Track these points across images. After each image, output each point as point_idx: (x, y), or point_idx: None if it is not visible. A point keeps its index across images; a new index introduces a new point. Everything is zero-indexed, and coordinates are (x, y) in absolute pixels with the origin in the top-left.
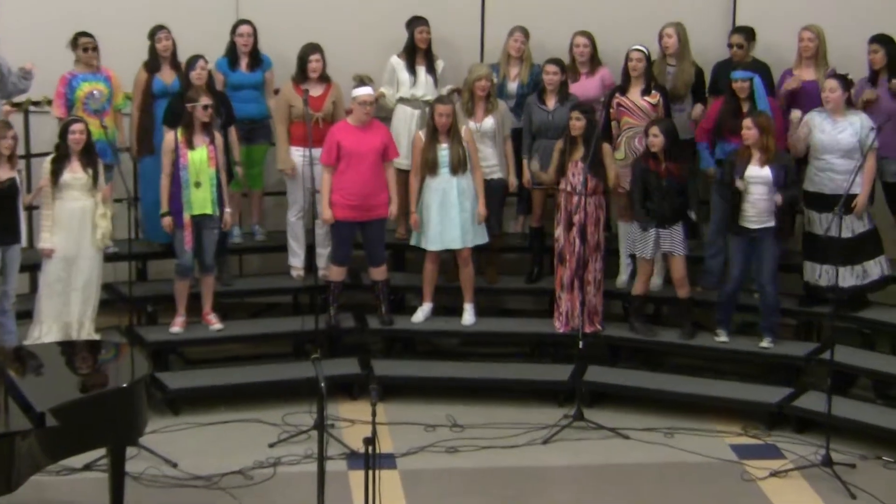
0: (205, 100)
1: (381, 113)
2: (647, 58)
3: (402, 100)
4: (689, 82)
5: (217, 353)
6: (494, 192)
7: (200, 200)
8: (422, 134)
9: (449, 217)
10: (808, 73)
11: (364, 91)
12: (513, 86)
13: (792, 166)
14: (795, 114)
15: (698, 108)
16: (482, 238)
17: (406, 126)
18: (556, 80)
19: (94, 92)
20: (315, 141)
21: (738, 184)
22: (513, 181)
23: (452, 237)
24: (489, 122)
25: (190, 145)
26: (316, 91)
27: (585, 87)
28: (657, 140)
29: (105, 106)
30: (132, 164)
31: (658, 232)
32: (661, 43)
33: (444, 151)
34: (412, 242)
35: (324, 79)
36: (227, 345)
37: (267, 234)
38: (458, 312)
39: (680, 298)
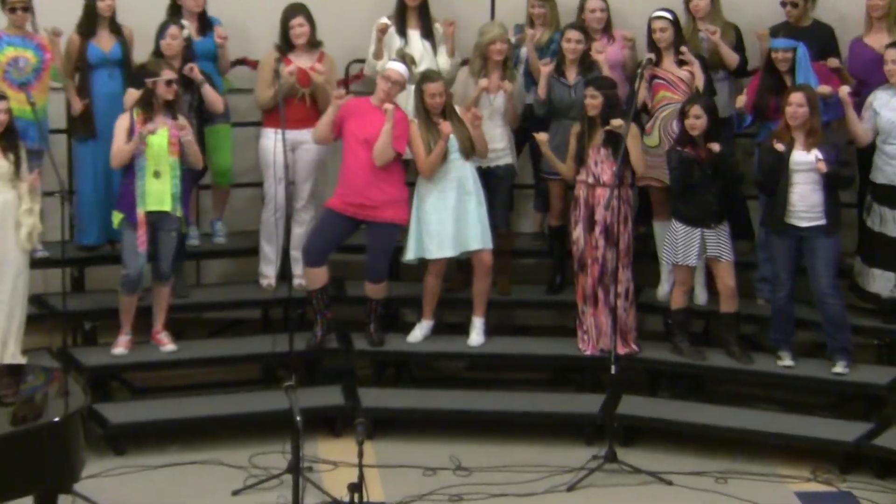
0: (168, 73)
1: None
2: (675, 24)
3: None
4: (729, 46)
5: (170, 380)
6: (501, 182)
7: (158, 194)
8: (416, 121)
9: (467, 211)
10: (879, 39)
11: (395, 67)
12: (524, 51)
13: (842, 146)
14: (824, 89)
15: (741, 99)
16: (487, 242)
17: (401, 103)
18: (578, 50)
19: (20, 60)
20: (300, 122)
21: (778, 146)
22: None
23: (472, 236)
24: (503, 96)
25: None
26: (302, 62)
27: (606, 54)
28: (699, 122)
29: (30, 78)
30: (66, 149)
31: (703, 233)
32: (688, 6)
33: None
34: (408, 258)
35: (312, 46)
36: (183, 370)
37: (230, 234)
38: (464, 330)
39: (725, 313)
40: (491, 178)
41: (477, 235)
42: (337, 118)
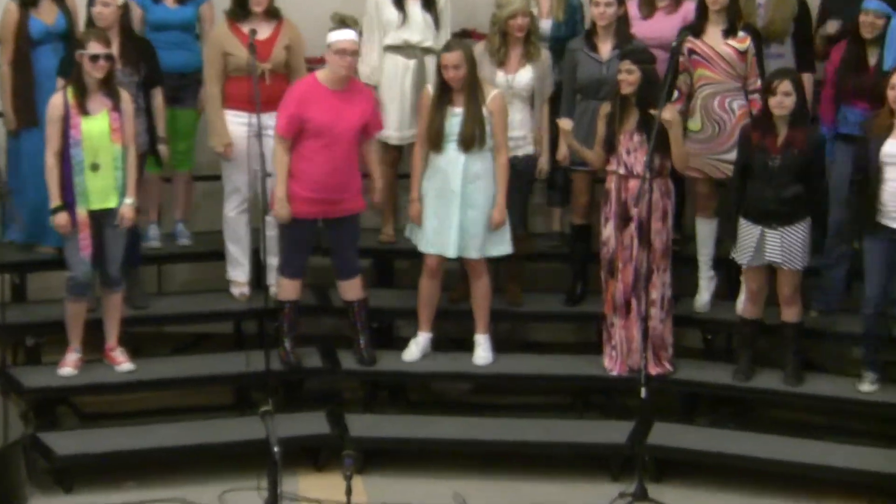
0: (96, 47)
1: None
2: None
3: (389, 48)
4: (790, 15)
5: (126, 405)
6: (520, 175)
7: (100, 189)
8: (430, 88)
9: (446, 211)
10: None
11: (344, 36)
12: (546, 24)
13: None
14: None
15: (833, 24)
16: (501, 247)
17: (398, 84)
18: (610, 15)
19: None
20: (262, 104)
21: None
22: (544, 165)
23: (446, 241)
24: (525, 75)
25: (83, 111)
26: (261, 32)
27: (661, 27)
28: (788, 101)
29: None
30: (4, 138)
31: (763, 233)
32: None
33: (455, 118)
34: (408, 235)
35: (271, 15)
36: (141, 393)
37: (196, 235)
38: (469, 347)
39: (786, 323)
40: (512, 169)
41: (451, 242)
42: (293, 111)
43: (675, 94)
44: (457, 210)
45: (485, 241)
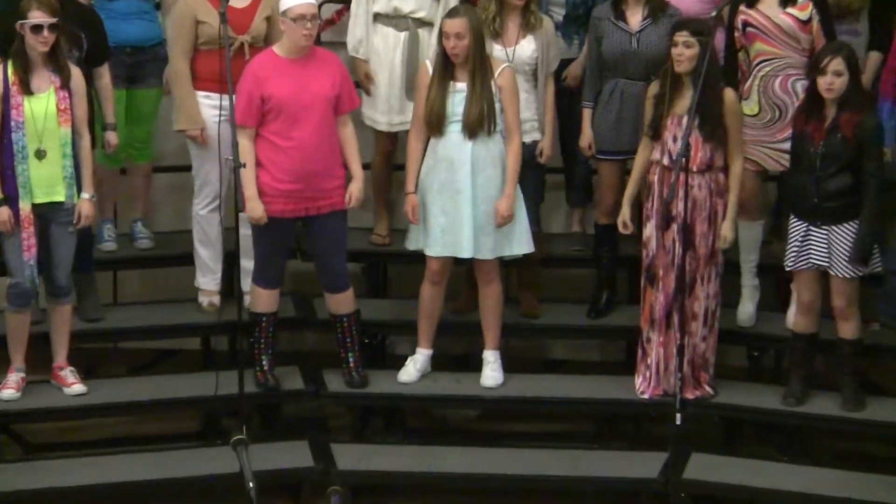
0: (38, 15)
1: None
2: None
3: (379, 17)
4: None
5: (78, 433)
6: (529, 165)
7: (46, 180)
8: (428, 64)
9: (455, 207)
10: None
11: (300, 0)
12: None
13: None
14: None
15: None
16: (521, 245)
17: (387, 60)
18: None
19: None
20: (237, 82)
21: None
22: (547, 149)
23: (460, 240)
24: (526, 48)
25: (26, 89)
26: (238, 1)
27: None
28: (839, 82)
29: None
30: None
31: (808, 231)
32: None
33: (458, 97)
34: (411, 246)
35: None
36: (96, 419)
37: (158, 236)
38: (475, 366)
39: (842, 340)
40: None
41: (467, 241)
42: (249, 92)
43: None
44: (468, 205)
45: (500, 239)
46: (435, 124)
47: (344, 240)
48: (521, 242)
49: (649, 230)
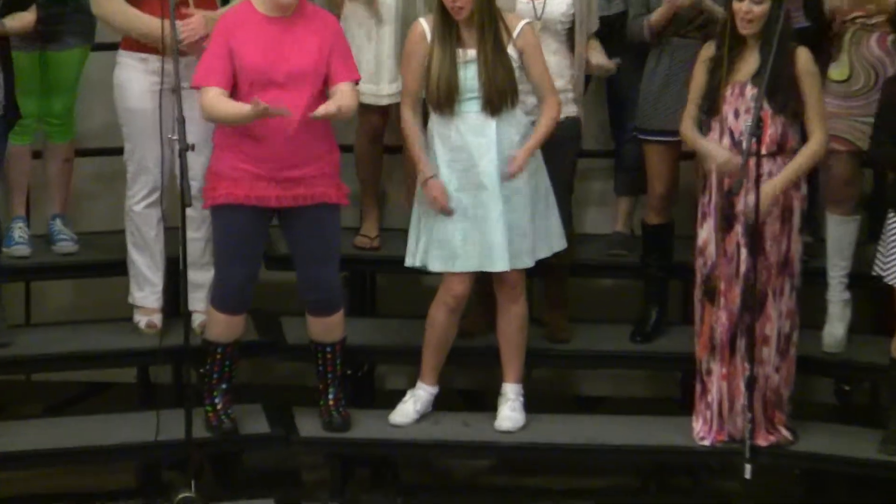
0: None
1: None
2: None
3: None
4: None
5: None
6: (558, 148)
7: None
8: (424, 24)
9: (482, 206)
10: None
11: None
12: None
13: None
14: None
15: None
16: (554, 240)
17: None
18: None
19: None
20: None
21: None
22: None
23: (490, 248)
24: (560, 2)
25: None
26: None
27: None
28: None
29: None
30: None
31: None
32: None
33: (469, 67)
34: (417, 262)
35: None
36: (2, 473)
37: (82, 237)
38: (489, 404)
39: None
40: (546, 142)
41: (500, 248)
42: (220, 50)
43: None
44: (497, 202)
45: (538, 238)
46: (445, 101)
47: (336, 242)
48: (559, 237)
49: (706, 232)
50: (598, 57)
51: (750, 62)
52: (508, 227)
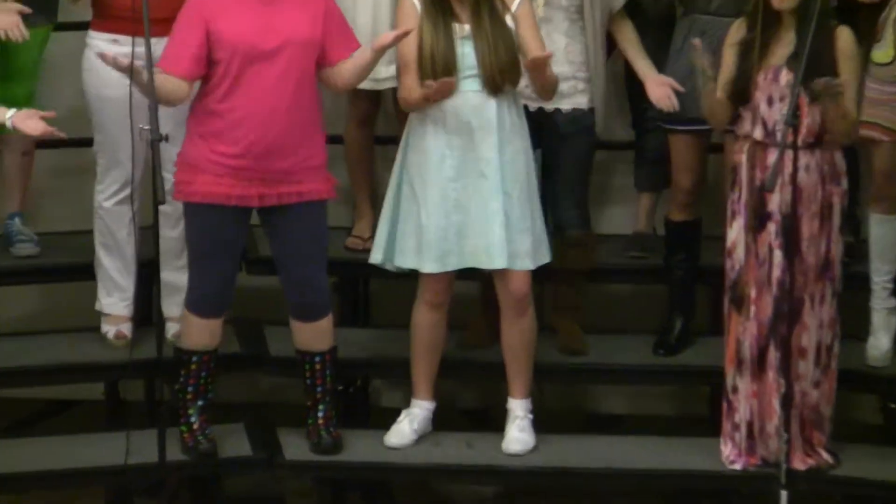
0: None
1: None
2: None
3: None
4: None
5: None
6: (571, 140)
7: None
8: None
9: (479, 197)
10: None
11: None
12: None
13: None
14: None
15: None
16: (545, 253)
17: None
18: None
19: None
20: (157, 22)
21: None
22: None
23: (487, 244)
24: None
25: None
26: None
27: None
28: None
29: None
30: None
31: None
32: None
33: (466, 44)
34: (375, 258)
35: None
36: None
37: (43, 238)
38: (495, 423)
39: None
40: (552, 132)
41: (497, 245)
42: (189, 30)
43: None
44: (497, 192)
45: (537, 241)
46: (441, 75)
47: (323, 242)
48: (547, 248)
49: (735, 232)
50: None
51: (785, 43)
52: (508, 223)
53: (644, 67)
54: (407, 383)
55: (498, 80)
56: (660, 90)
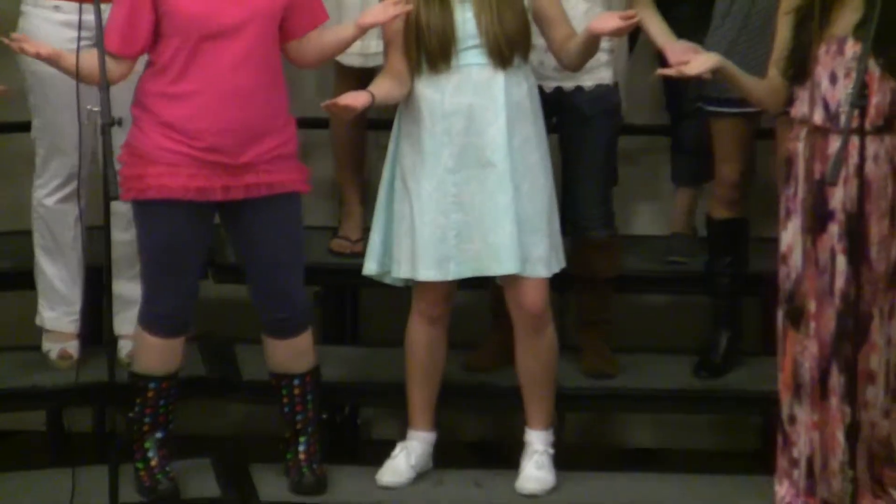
0: None
1: None
2: None
3: None
4: None
5: None
6: (593, 122)
7: None
8: None
9: (483, 191)
10: None
11: None
12: None
13: None
14: None
15: None
16: (560, 259)
17: None
18: None
19: None
20: None
21: None
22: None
23: (494, 247)
24: None
25: None
26: None
27: None
28: None
29: None
30: None
31: None
32: None
33: (466, 7)
34: (370, 271)
35: None
36: None
37: None
38: (508, 459)
39: None
40: (571, 115)
41: (512, 245)
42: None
43: None
44: (507, 184)
45: (554, 243)
46: (439, 52)
47: (299, 243)
48: (561, 255)
49: (790, 234)
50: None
51: (850, 10)
52: (519, 221)
53: (658, 31)
54: (403, 411)
55: (505, 50)
56: (682, 56)
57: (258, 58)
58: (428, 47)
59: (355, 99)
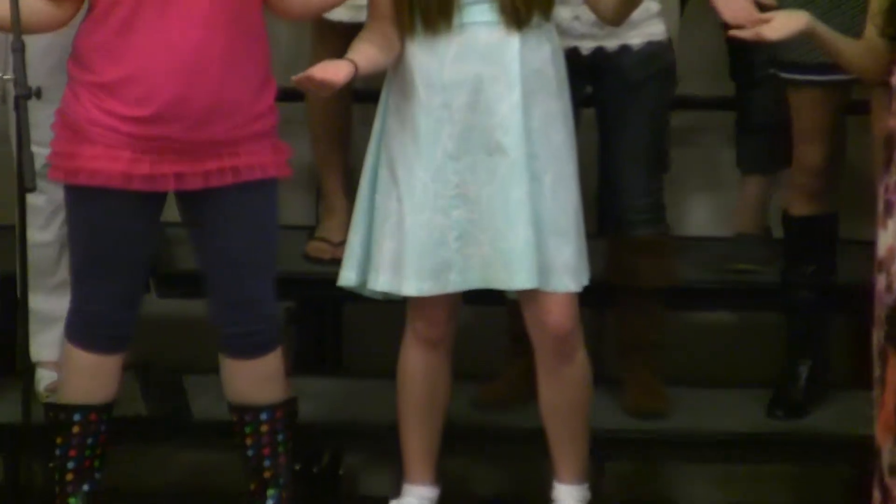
0: None
1: None
2: None
3: None
4: None
5: None
6: (640, 91)
7: None
8: None
9: (493, 183)
10: None
11: None
12: None
13: None
14: None
15: None
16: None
17: None
18: None
19: None
20: None
21: None
22: None
23: (505, 255)
24: None
25: None
26: None
27: None
28: None
29: None
30: None
31: None
32: None
33: None
34: (347, 282)
35: None
36: None
37: None
38: None
39: None
40: (615, 82)
41: (529, 252)
42: None
43: None
44: (523, 174)
45: (580, 250)
46: (437, 9)
47: (272, 241)
48: (586, 266)
49: (892, 235)
50: None
51: None
52: (539, 221)
53: None
54: (396, 459)
55: (521, 7)
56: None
57: (229, 10)
58: (423, 2)
59: (336, 72)
